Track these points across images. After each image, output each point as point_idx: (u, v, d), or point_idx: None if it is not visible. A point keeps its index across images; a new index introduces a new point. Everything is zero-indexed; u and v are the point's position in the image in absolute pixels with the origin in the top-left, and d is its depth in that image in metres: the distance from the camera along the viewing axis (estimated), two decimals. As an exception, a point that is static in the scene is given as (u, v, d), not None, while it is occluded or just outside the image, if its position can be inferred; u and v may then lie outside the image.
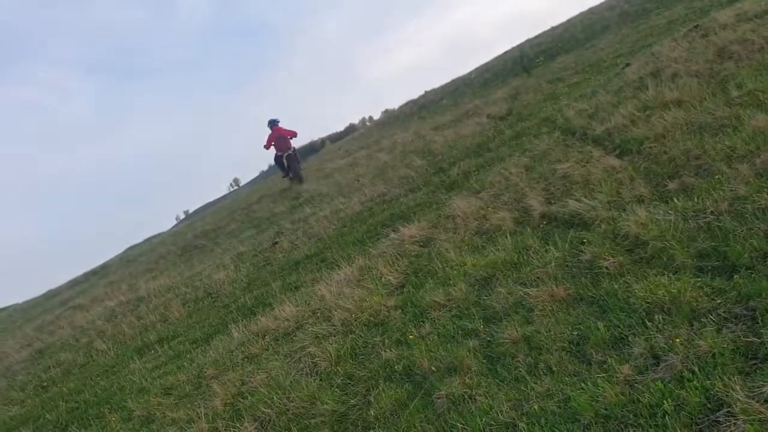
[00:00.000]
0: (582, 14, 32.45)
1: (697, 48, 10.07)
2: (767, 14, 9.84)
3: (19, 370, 12.77)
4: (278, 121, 19.76)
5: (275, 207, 18.68)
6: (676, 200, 5.45)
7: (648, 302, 4.17)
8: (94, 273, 35.13)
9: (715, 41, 9.75)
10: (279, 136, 19.54)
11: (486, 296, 5.48)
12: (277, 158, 20.09)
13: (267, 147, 19.74)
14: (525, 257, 5.83)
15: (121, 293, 16.22)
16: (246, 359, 6.83)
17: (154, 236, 51.58)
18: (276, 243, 12.64)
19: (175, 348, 8.94)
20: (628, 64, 12.18)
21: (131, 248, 49.98)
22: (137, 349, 10.01)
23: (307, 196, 17.23)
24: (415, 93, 42.43)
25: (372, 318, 6.18)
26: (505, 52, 34.93)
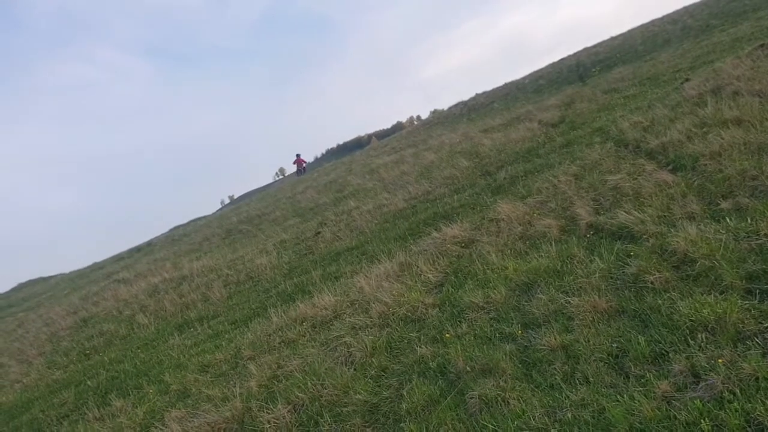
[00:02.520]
0: (643, 26, 31.85)
1: (762, 67, 9.80)
2: (840, 36, 9.51)
3: (64, 337, 13.28)
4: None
5: (320, 198, 18.90)
6: (728, 220, 5.34)
7: (692, 320, 4.11)
8: (138, 249, 36.06)
9: (781, 61, 9.47)
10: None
11: (526, 302, 5.47)
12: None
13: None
14: (569, 266, 5.79)
15: (164, 270, 16.65)
16: (283, 343, 6.97)
17: (199, 218, 52.60)
18: (318, 233, 12.80)
19: (215, 327, 9.16)
20: (687, 80, 11.92)
21: (176, 228, 51.08)
22: (177, 325, 10.29)
23: (352, 190, 17.37)
24: (466, 95, 42.47)
25: (409, 313, 6.23)
26: (561, 60, 34.51)
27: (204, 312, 10.50)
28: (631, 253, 5.45)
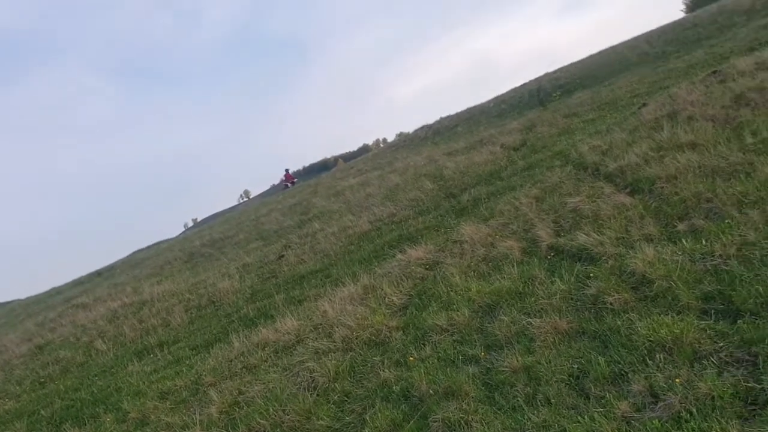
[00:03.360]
0: (602, 52, 32.72)
1: (715, 93, 10.13)
2: (786, 64, 9.91)
3: (17, 365, 12.81)
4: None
5: (284, 220, 18.78)
6: (684, 241, 5.46)
7: (650, 340, 4.16)
8: (98, 274, 35.26)
9: (732, 87, 9.81)
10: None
11: (489, 323, 5.48)
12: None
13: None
14: (530, 287, 5.83)
15: (125, 295, 16.29)
16: (245, 369, 6.85)
17: (162, 242, 51.82)
18: (282, 256, 12.69)
19: (175, 353, 8.96)
20: (644, 104, 12.24)
21: (138, 252, 50.18)
22: (137, 351, 10.04)
23: (317, 212, 17.31)
24: (431, 118, 43.23)
25: (373, 337, 6.19)
26: (523, 85, 35.19)
27: (164, 337, 10.28)
28: (591, 275, 5.53)
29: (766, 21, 16.98)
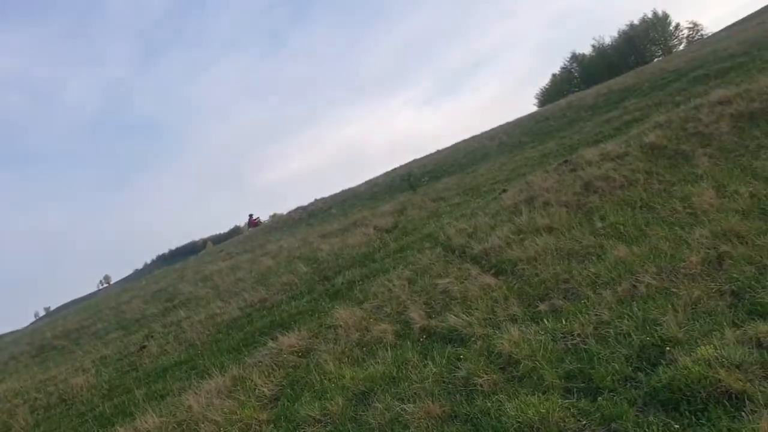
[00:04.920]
0: (465, 141, 35.00)
1: (566, 181, 11.01)
2: (627, 155, 11.03)
3: None
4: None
5: (147, 308, 17.76)
6: (546, 321, 5.71)
7: (519, 421, 4.22)
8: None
9: (582, 176, 10.72)
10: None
11: (363, 411, 5.34)
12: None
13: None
14: (404, 371, 5.79)
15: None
16: (96, 477, 6.17)
17: (6, 334, 47.04)
18: (144, 347, 11.89)
19: (13, 463, 7.94)
20: (504, 190, 13.05)
21: (-23, 346, 45.06)
22: (-34, 464, 8.79)
23: (183, 299, 16.55)
24: (305, 200, 43.57)
25: (242, 432, 5.82)
26: (394, 169, 36.64)
27: (2, 445, 9.10)
28: (461, 356, 5.60)
29: (608, 116, 18.95)
